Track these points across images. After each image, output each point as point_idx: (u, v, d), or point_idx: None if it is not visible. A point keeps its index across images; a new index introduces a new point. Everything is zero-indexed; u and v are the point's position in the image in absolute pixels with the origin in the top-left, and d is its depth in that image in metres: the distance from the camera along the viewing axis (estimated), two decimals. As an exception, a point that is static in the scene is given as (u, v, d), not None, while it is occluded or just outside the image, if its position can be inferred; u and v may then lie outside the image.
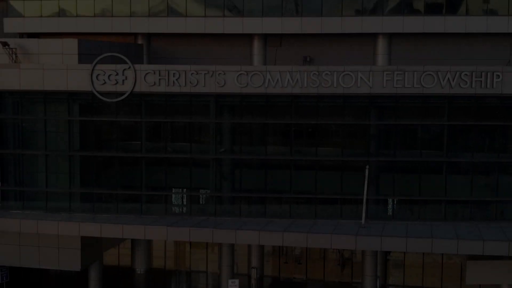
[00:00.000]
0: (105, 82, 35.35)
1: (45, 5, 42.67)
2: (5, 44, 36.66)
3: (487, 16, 39.20)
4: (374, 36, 40.71)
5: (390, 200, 36.06)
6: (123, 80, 35.31)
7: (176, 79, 35.21)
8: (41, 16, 42.62)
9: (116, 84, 35.33)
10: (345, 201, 35.82)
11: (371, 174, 35.05)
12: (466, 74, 33.97)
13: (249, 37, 41.94)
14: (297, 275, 45.19)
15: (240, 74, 34.87)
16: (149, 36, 43.21)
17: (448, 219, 35.13)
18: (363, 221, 34.47)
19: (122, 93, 35.44)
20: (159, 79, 35.29)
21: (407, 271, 43.46)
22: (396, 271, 43.84)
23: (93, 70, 35.29)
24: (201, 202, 37.63)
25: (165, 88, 35.31)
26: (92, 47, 37.88)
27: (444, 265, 42.57)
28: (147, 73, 35.26)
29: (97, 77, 35.37)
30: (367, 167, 34.85)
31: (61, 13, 42.52)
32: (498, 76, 33.95)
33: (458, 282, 41.49)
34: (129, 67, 35.21)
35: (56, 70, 35.85)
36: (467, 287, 38.39)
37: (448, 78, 34.03)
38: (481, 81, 34.00)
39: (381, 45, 40.90)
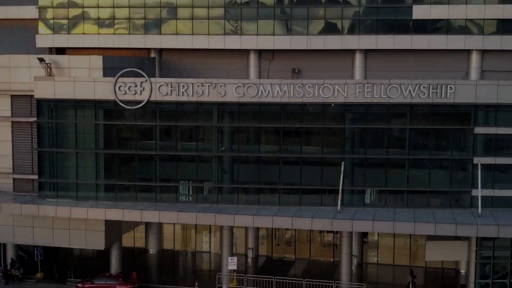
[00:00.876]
0: (126, 92, 42.55)
1: (72, 23, 49.83)
2: (41, 60, 43.88)
3: (447, 35, 46.37)
4: (352, 51, 47.90)
5: (362, 190, 43.26)
6: (141, 90, 42.49)
7: (185, 90, 42.39)
8: (68, 33, 49.82)
9: (135, 94, 42.53)
10: (325, 191, 43.00)
11: (346, 169, 42.31)
12: (424, 86, 41.10)
13: (246, 52, 49.13)
14: (287, 255, 52.58)
15: (238, 86, 42.04)
16: (160, 51, 50.45)
17: (410, 206, 42.37)
18: (338, 207, 41.73)
19: (140, 102, 42.63)
20: (171, 90, 42.47)
21: (381, 251, 50.86)
22: (372, 251, 51.20)
23: (116, 82, 42.47)
24: (205, 192, 44.78)
25: (175, 98, 42.48)
26: (114, 61, 45.12)
27: (411, 247, 49.91)
28: (160, 85, 42.45)
29: (119, 88, 42.56)
30: (343, 163, 42.11)
31: (85, 29, 49.72)
32: (451, 88, 41.08)
33: (423, 260, 48.81)
34: (146, 80, 42.41)
35: (85, 82, 43.05)
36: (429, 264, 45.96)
37: (410, 90, 41.15)
38: (437, 92, 41.13)
39: (358, 59, 48.15)
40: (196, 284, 45.92)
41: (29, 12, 50.69)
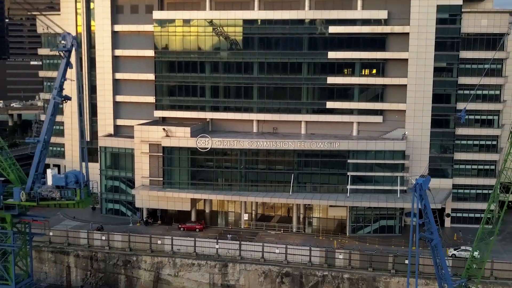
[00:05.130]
0: (202, 144, 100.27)
1: (170, 106, 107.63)
2: (164, 129, 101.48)
3: (342, 115, 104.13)
4: (300, 121, 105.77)
5: (302, 185, 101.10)
6: (207, 143, 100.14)
7: (226, 143, 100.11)
8: (169, 111, 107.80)
9: (206, 144, 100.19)
10: (285, 185, 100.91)
11: (294, 176, 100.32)
12: (325, 142, 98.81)
13: (251, 120, 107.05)
14: (271, 213, 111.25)
15: (248, 141, 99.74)
16: (211, 119, 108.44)
17: (321, 192, 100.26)
18: (290, 192, 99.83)
19: (207, 148, 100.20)
20: (220, 142, 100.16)
21: (314, 211, 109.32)
22: (310, 211, 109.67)
23: (197, 140, 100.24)
24: (234, 185, 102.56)
25: (222, 146, 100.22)
26: (194, 127, 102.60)
27: (328, 209, 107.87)
28: (216, 141, 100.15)
29: (198, 142, 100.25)
30: (293, 174, 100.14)
31: (177, 109, 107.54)
32: (337, 143, 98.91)
33: (332, 215, 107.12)
34: (209, 138, 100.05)
35: (183, 139, 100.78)
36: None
37: (320, 144, 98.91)
38: (331, 144, 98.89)
39: (303, 124, 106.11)
40: (230, 225, 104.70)
41: (150, 98, 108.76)
